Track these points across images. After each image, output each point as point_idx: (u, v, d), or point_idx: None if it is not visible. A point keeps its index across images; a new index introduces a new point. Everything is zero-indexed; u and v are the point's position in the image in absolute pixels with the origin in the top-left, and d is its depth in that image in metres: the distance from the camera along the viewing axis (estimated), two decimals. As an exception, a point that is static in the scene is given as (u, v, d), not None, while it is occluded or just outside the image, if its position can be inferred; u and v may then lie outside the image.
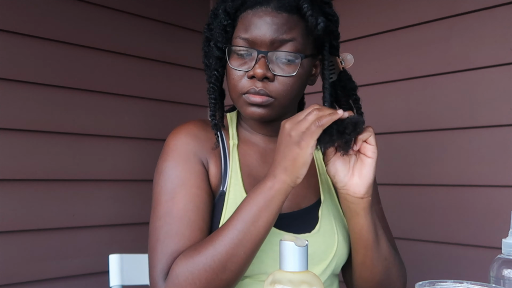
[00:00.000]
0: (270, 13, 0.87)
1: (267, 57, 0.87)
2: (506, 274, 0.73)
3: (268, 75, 0.87)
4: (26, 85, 1.73)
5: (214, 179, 0.94)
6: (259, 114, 0.90)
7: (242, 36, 0.89)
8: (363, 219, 0.88)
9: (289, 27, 0.88)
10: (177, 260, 0.83)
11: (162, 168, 0.92)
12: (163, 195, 0.90)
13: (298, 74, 0.89)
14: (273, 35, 0.87)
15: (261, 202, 0.81)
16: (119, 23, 1.98)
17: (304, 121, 0.79)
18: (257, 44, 0.88)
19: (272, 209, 0.81)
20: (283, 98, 0.90)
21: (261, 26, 0.87)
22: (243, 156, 0.98)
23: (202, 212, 0.89)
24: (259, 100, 0.89)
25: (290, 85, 0.89)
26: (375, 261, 0.92)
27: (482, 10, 1.56)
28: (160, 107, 2.13)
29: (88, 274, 1.86)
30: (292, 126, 0.80)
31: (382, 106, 1.80)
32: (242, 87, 0.90)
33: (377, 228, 0.92)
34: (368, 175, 0.85)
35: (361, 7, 1.87)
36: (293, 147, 0.79)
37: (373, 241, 0.91)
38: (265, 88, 0.88)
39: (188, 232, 0.86)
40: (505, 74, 1.52)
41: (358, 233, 0.90)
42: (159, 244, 0.86)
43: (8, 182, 1.68)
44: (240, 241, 0.80)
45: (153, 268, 0.86)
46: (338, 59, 1.00)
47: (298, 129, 0.79)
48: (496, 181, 1.53)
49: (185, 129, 0.95)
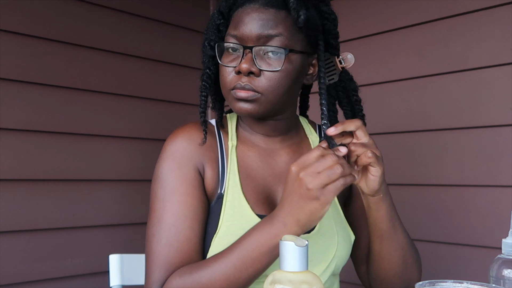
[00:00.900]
0: (258, 9, 0.88)
1: (253, 52, 0.88)
2: (506, 274, 0.73)
3: (253, 69, 0.87)
4: (26, 85, 1.73)
5: (211, 182, 0.94)
6: (246, 109, 0.90)
7: (231, 33, 0.91)
8: (376, 212, 0.89)
9: (276, 23, 0.88)
10: (172, 277, 0.84)
11: (157, 174, 0.94)
12: (156, 202, 0.92)
13: (285, 69, 0.88)
14: (259, 30, 0.88)
15: (264, 248, 0.79)
16: (119, 23, 1.98)
17: (324, 175, 0.74)
18: (244, 40, 0.89)
19: (275, 255, 0.79)
20: (270, 94, 0.89)
21: (248, 22, 0.88)
22: (241, 157, 0.97)
23: (191, 220, 0.89)
24: (244, 95, 0.88)
25: (276, 80, 0.88)
26: (392, 251, 0.93)
27: (482, 10, 1.56)
28: (160, 107, 2.13)
29: (88, 274, 1.86)
30: (311, 178, 0.75)
31: (382, 106, 1.80)
32: (230, 82, 0.90)
33: (394, 219, 0.91)
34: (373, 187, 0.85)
35: (361, 7, 1.87)
36: (311, 201, 0.75)
37: (388, 231, 0.91)
38: (250, 83, 0.88)
39: (176, 243, 0.88)
40: (505, 74, 1.52)
41: (373, 223, 0.91)
42: (151, 253, 0.89)
43: (8, 182, 1.68)
44: (237, 279, 0.80)
45: (148, 278, 0.88)
46: (336, 59, 0.99)
47: (317, 183, 0.74)
48: (496, 181, 1.53)
49: (182, 132, 0.96)
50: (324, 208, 0.76)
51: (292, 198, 0.77)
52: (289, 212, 0.78)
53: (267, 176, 0.98)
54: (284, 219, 0.78)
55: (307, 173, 0.75)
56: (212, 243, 0.90)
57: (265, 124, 0.98)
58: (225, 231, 0.89)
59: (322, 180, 0.74)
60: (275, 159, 0.99)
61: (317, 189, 0.74)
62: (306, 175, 0.75)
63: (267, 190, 0.97)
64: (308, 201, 0.75)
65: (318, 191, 0.74)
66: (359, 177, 0.86)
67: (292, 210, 0.77)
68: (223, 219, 0.91)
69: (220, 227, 0.90)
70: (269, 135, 1.00)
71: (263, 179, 0.97)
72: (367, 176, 0.85)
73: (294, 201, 0.77)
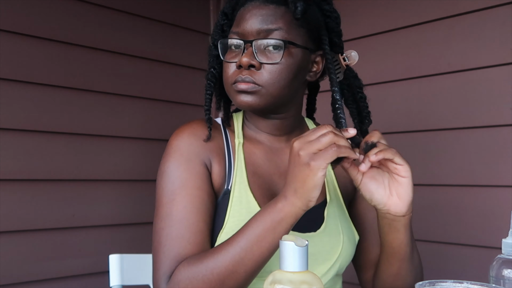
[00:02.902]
0: (258, 6, 0.91)
1: (253, 46, 0.89)
2: (506, 274, 0.73)
3: (253, 62, 0.89)
4: (26, 85, 1.73)
5: (218, 178, 0.94)
6: (246, 102, 0.90)
7: (233, 30, 0.93)
8: (403, 235, 0.86)
9: (275, 17, 0.90)
10: (180, 266, 0.84)
11: (164, 169, 0.93)
12: (164, 197, 0.91)
13: (285, 62, 0.90)
14: (259, 25, 0.90)
15: (268, 223, 0.79)
16: (119, 23, 1.98)
17: (316, 142, 0.75)
18: (245, 35, 0.91)
19: (279, 232, 0.79)
20: (271, 86, 0.89)
21: (249, 18, 0.91)
22: (248, 154, 0.98)
23: (202, 214, 0.89)
24: (244, 86, 0.89)
25: (277, 73, 0.89)
26: (409, 272, 0.92)
27: (482, 10, 1.56)
28: (160, 107, 2.13)
29: (88, 274, 1.86)
30: (301, 145, 0.76)
31: (382, 106, 1.80)
32: (231, 77, 0.92)
33: (413, 240, 0.90)
34: (407, 194, 0.82)
35: (361, 7, 1.87)
36: (302, 168, 0.75)
37: (410, 253, 0.89)
38: (251, 76, 0.89)
39: (188, 234, 0.87)
40: (505, 74, 1.52)
41: (397, 248, 0.88)
42: (161, 247, 0.87)
43: (8, 182, 1.68)
44: (242, 259, 0.79)
45: (157, 270, 0.87)
46: (340, 57, 0.99)
47: (308, 149, 0.75)
48: (496, 181, 1.53)
49: (188, 129, 0.96)
50: (315, 175, 0.74)
51: (290, 169, 0.78)
52: (288, 184, 0.78)
53: (273, 174, 0.98)
54: (286, 192, 0.79)
55: (300, 141, 0.77)
56: (218, 239, 0.90)
57: (269, 122, 0.99)
58: (231, 227, 0.89)
59: (313, 146, 0.75)
60: (280, 157, 1.00)
61: (307, 154, 0.75)
62: (298, 143, 0.77)
63: (273, 187, 0.97)
64: (300, 168, 0.75)
65: (307, 157, 0.75)
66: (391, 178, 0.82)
67: (290, 181, 0.78)
68: (230, 215, 0.91)
69: (227, 222, 0.90)
70: (274, 134, 1.00)
71: (269, 176, 0.98)
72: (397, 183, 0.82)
73: (290, 171, 0.78)
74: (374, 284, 1.00)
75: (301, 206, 0.77)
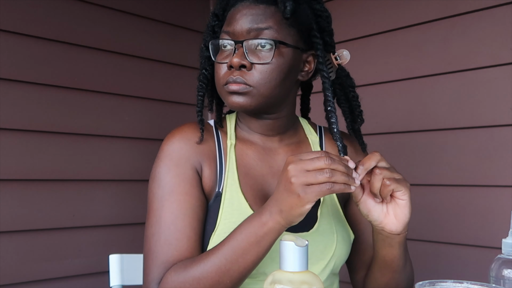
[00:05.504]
0: (248, 6, 0.91)
1: (243, 47, 0.89)
2: (506, 274, 0.73)
3: (244, 63, 0.88)
4: (26, 85, 1.73)
5: (209, 181, 0.94)
6: (238, 102, 0.90)
7: (224, 30, 0.93)
8: (397, 251, 0.87)
9: (265, 17, 0.90)
10: (168, 273, 0.85)
11: (154, 174, 0.94)
12: (154, 202, 0.92)
13: (276, 62, 0.89)
14: (249, 25, 0.90)
15: (252, 237, 0.79)
16: (119, 23, 1.98)
17: (311, 175, 0.73)
18: (236, 35, 0.91)
19: (262, 246, 0.79)
20: (262, 87, 0.89)
21: (239, 18, 0.91)
22: (240, 155, 0.98)
23: (191, 219, 0.90)
24: (235, 87, 0.89)
25: (267, 73, 0.89)
26: (401, 282, 0.93)
27: (482, 10, 1.56)
28: (160, 107, 2.13)
29: (88, 274, 1.86)
30: (296, 173, 0.74)
31: (382, 106, 1.80)
32: (223, 78, 0.92)
33: (406, 253, 0.91)
34: (404, 215, 0.82)
35: (361, 7, 1.87)
36: (292, 195, 0.74)
37: (402, 266, 0.90)
38: (242, 77, 0.89)
39: (175, 241, 0.88)
40: (505, 74, 1.52)
41: (390, 262, 0.89)
42: (150, 253, 0.89)
43: (8, 182, 1.68)
44: (228, 270, 0.80)
45: (146, 276, 0.89)
46: (332, 56, 0.99)
47: (302, 180, 0.73)
48: (495, 181, 1.53)
49: (179, 133, 0.96)
50: (304, 206, 0.74)
51: (279, 188, 0.77)
52: (275, 201, 0.78)
53: (266, 174, 0.98)
54: (271, 208, 0.78)
55: (296, 168, 0.75)
56: (210, 241, 0.90)
57: (262, 123, 0.98)
58: (223, 229, 0.90)
59: (306, 179, 0.73)
60: (273, 158, 0.99)
61: (299, 185, 0.73)
62: (294, 169, 0.75)
63: (265, 188, 0.97)
64: (290, 194, 0.74)
65: (299, 188, 0.73)
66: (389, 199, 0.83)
67: (278, 200, 0.77)
68: (222, 217, 0.91)
69: (219, 225, 0.91)
70: (267, 134, 1.00)
71: (261, 177, 0.97)
72: (395, 203, 0.82)
73: (279, 191, 0.77)
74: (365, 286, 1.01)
75: (285, 225, 0.78)
